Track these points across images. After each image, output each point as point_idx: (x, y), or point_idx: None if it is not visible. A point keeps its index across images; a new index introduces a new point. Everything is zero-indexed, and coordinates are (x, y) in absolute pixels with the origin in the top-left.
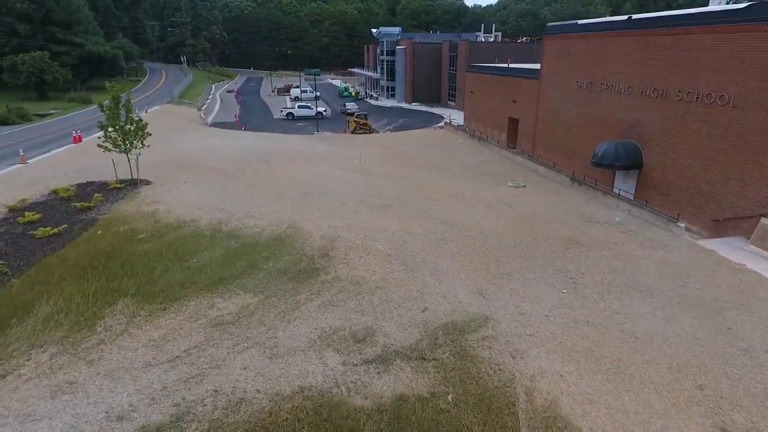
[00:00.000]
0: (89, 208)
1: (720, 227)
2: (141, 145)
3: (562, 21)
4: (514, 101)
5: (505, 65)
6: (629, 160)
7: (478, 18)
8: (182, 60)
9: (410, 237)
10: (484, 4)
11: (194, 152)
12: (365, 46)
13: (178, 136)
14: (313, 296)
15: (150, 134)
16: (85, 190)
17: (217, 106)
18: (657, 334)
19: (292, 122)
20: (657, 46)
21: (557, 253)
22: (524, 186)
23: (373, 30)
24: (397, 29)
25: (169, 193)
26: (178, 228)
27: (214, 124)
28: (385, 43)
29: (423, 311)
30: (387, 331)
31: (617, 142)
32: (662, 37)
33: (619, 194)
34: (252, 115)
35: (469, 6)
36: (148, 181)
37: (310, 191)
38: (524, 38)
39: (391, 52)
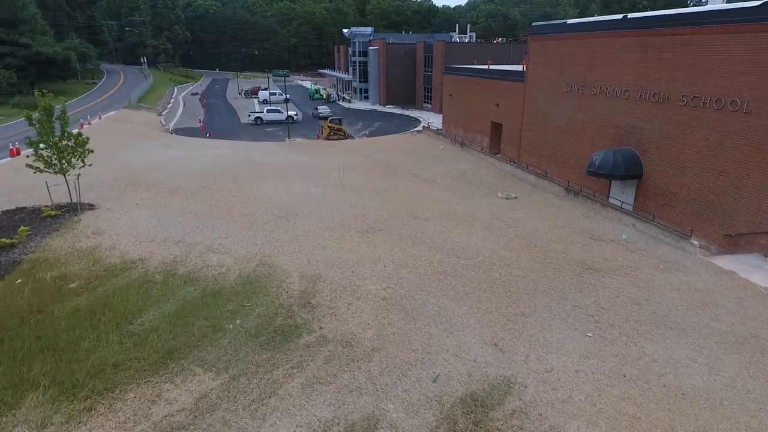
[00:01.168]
0: (11, 245)
1: (732, 242)
2: (81, 164)
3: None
4: (497, 105)
5: (485, 66)
6: (629, 169)
7: (448, 18)
8: (142, 61)
9: (405, 271)
10: (452, 5)
11: (151, 166)
12: (335, 46)
13: (134, 147)
14: (295, 370)
15: (92, 151)
16: (12, 219)
17: (180, 111)
18: (704, 387)
19: (260, 127)
20: (657, 47)
21: (571, 282)
22: (516, 197)
23: (344, 30)
24: (369, 29)
25: (116, 221)
26: (122, 272)
27: (177, 131)
28: (357, 43)
29: (434, 381)
30: (393, 418)
31: (615, 149)
32: (663, 37)
33: (621, 207)
34: (218, 120)
35: (439, 7)
36: (91, 206)
37: (284, 213)
38: (500, 39)
39: (364, 53)
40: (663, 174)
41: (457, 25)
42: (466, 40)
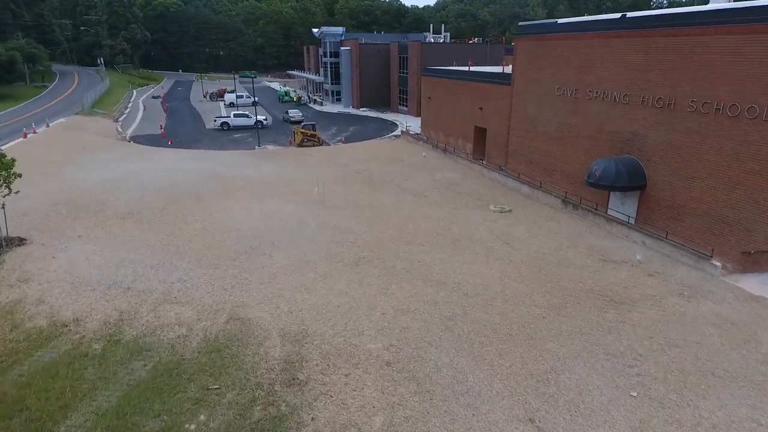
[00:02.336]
0: None
1: (751, 260)
2: (6, 191)
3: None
4: (481, 109)
5: (466, 68)
6: (632, 180)
7: (418, 18)
8: (99, 62)
9: (408, 318)
10: (421, 5)
11: (101, 185)
12: (305, 47)
13: (84, 160)
14: None
15: (19, 175)
16: None
17: (139, 116)
18: None
19: (227, 133)
20: (660, 48)
21: (596, 321)
22: (510, 210)
23: (314, 30)
24: (340, 29)
25: (50, 261)
26: (49, 341)
27: (135, 138)
28: (328, 44)
29: None
30: None
31: (616, 158)
32: (668, 38)
33: (628, 222)
34: (181, 126)
35: (408, 7)
36: (21, 240)
37: (258, 243)
38: (475, 39)
39: (335, 54)
40: (669, 185)
41: (431, 25)
42: (441, 41)
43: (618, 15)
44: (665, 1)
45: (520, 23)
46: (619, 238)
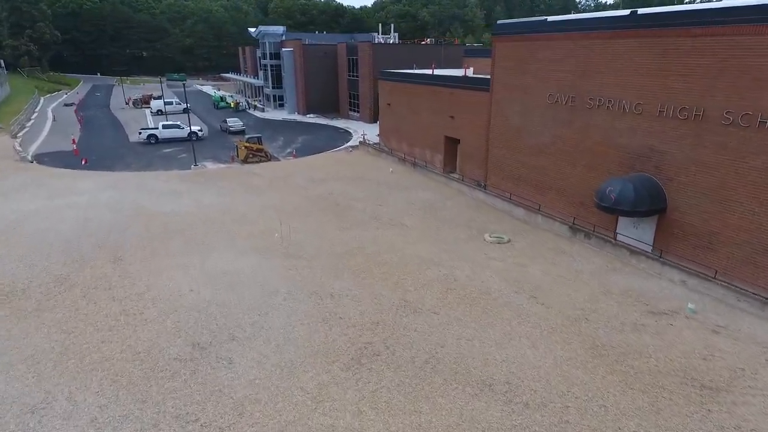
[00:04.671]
0: None
1: None
2: None
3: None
4: (452, 117)
5: (429, 71)
6: (653, 203)
7: (357, 19)
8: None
9: None
10: (357, 5)
11: None
12: (240, 47)
13: None
14: None
15: None
16: None
17: (47, 128)
18: None
19: (155, 148)
20: (684, 50)
21: (704, 427)
22: (508, 241)
23: (251, 29)
24: (281, 28)
25: None
26: None
27: (39, 158)
28: (267, 44)
29: None
30: None
31: (632, 178)
32: (693, 38)
33: (660, 256)
34: (98, 140)
35: (346, 6)
36: None
37: (208, 338)
38: (428, 40)
39: (276, 55)
40: (697, 209)
41: (380, 25)
42: (390, 41)
43: (626, 11)
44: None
45: (498, 21)
46: (652, 276)
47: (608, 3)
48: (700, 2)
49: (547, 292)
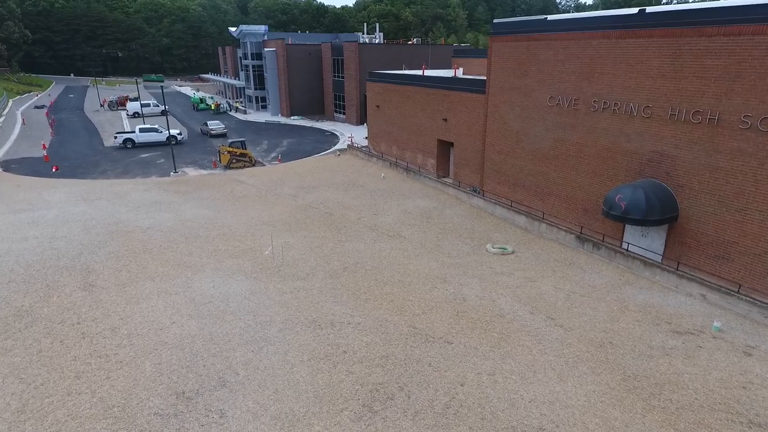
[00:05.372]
0: None
1: None
2: None
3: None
4: (445, 120)
5: (419, 72)
6: (665, 211)
7: (338, 19)
8: None
9: None
10: (338, 5)
11: None
12: (221, 48)
13: None
14: None
15: None
16: None
17: (16, 132)
18: None
19: (132, 153)
20: (699, 51)
21: None
22: (513, 252)
23: (232, 29)
24: (262, 28)
25: None
26: None
27: (6, 165)
28: (248, 44)
29: None
30: None
31: (641, 184)
32: (709, 38)
33: (676, 269)
34: (71, 145)
35: (328, 6)
36: None
37: (195, 384)
38: (414, 40)
39: (258, 56)
40: (713, 217)
41: (365, 25)
42: (376, 41)
43: (634, 10)
44: (572, 3)
45: (495, 20)
46: (669, 290)
47: (588, 3)
48: (677, 2)
49: (564, 311)
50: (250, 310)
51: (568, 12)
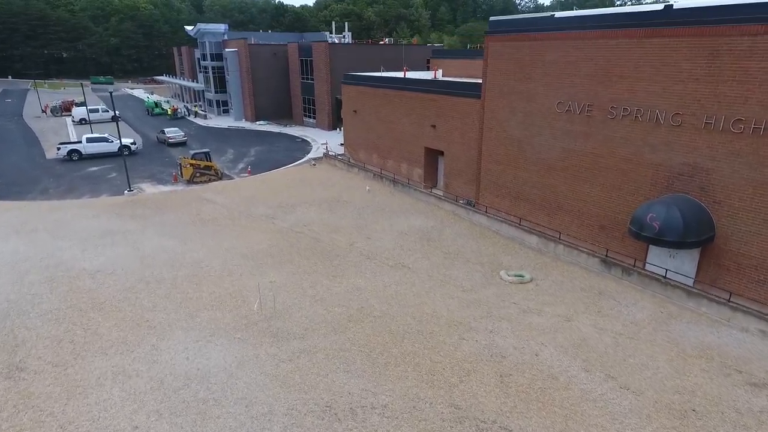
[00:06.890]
0: None
1: None
2: None
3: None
4: (434, 127)
5: (401, 75)
6: (702, 232)
7: (299, 18)
8: None
9: None
10: (297, 4)
11: None
12: (175, 48)
13: None
14: None
15: None
16: None
17: None
18: None
19: (79, 166)
20: (742, 52)
21: None
22: (531, 280)
23: (188, 28)
24: (222, 26)
25: None
26: None
27: None
28: (207, 44)
29: None
30: None
31: (676, 202)
32: (755, 38)
33: (728, 300)
34: (6, 157)
35: (287, 5)
36: None
37: None
38: (386, 40)
39: (218, 56)
40: (757, 237)
41: (333, 24)
42: (344, 41)
43: (660, 6)
44: (531, 4)
45: (492, 18)
46: (721, 324)
47: (546, 4)
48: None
49: (620, 363)
50: (240, 396)
51: (527, 12)
